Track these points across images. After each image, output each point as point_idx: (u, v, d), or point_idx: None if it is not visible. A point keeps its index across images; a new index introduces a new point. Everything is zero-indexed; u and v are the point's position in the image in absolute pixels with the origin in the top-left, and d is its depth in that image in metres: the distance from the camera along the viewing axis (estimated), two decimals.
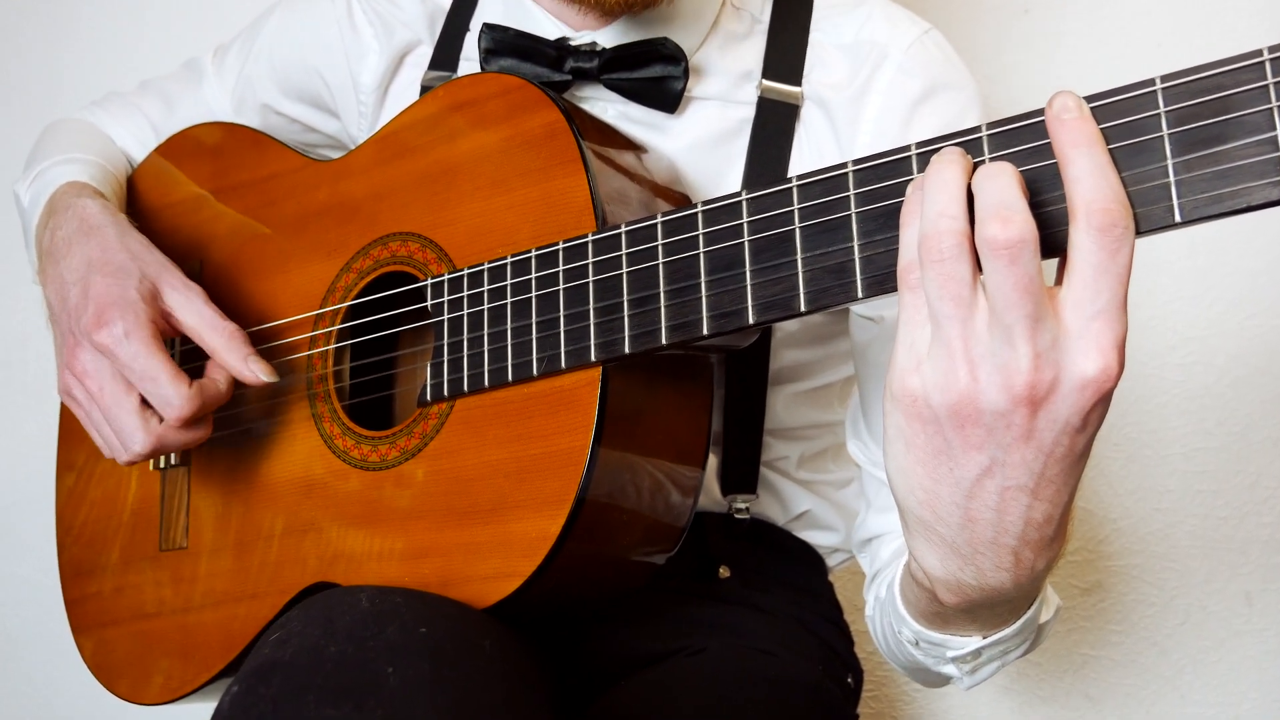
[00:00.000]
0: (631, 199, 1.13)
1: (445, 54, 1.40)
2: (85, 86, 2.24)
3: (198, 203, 1.45)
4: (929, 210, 0.79)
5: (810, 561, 1.48)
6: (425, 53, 1.42)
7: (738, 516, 1.37)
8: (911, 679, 1.28)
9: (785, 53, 1.31)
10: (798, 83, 1.29)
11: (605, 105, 1.30)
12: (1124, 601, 1.85)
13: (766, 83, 1.29)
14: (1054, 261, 0.80)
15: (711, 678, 1.24)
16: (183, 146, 1.50)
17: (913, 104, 1.25)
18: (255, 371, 1.21)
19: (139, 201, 1.51)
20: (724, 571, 1.36)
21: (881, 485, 1.28)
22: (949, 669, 1.11)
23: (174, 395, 1.17)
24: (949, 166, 0.81)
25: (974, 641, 1.06)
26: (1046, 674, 1.87)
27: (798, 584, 1.45)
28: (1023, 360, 0.76)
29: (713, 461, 1.33)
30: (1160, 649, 1.85)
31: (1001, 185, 0.77)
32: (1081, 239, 0.76)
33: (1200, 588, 1.84)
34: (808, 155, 1.29)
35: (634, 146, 1.21)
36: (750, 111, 1.30)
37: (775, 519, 1.44)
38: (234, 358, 1.21)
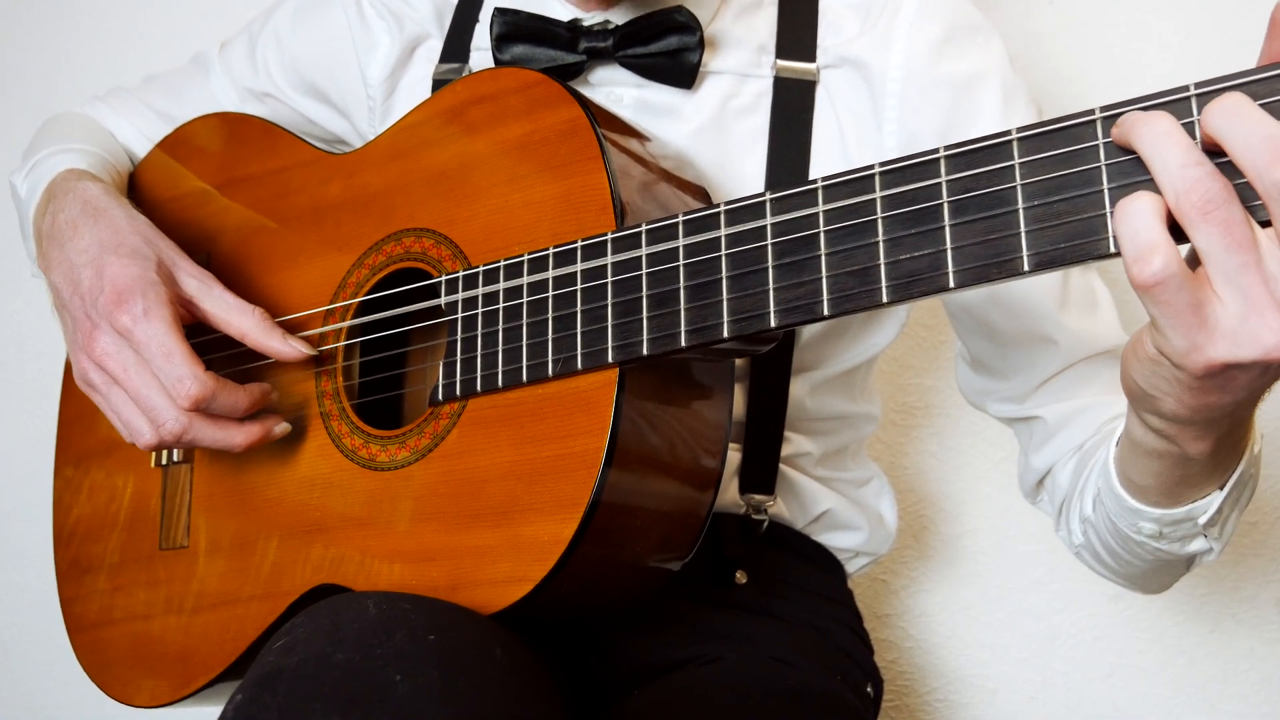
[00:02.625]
0: (652, 197, 1.14)
1: (456, 46, 1.42)
2: (85, 78, 2.25)
3: (206, 194, 1.46)
4: (1168, 167, 0.78)
5: (829, 567, 1.49)
6: (435, 46, 1.44)
7: (755, 518, 1.38)
8: (1143, 590, 1.33)
9: (797, 27, 1.34)
10: (812, 58, 1.32)
11: (622, 92, 1.32)
12: (1152, 609, 1.86)
13: (781, 62, 1.32)
14: None
15: (728, 688, 1.24)
16: (192, 137, 1.51)
17: (937, 46, 1.30)
18: (295, 346, 1.23)
19: (146, 192, 1.52)
20: (741, 577, 1.37)
21: (1036, 422, 1.35)
22: (1197, 545, 1.14)
23: (186, 373, 1.17)
24: (1158, 121, 0.79)
25: (1216, 496, 1.08)
26: (1073, 683, 1.88)
27: (816, 590, 1.46)
28: None
29: (733, 458, 1.34)
30: (1189, 658, 1.86)
31: (1258, 120, 0.76)
32: None
33: (1229, 595, 1.85)
34: (835, 126, 1.32)
35: (655, 143, 1.22)
36: (765, 85, 1.33)
37: (794, 521, 1.44)
38: (270, 337, 1.23)
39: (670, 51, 1.28)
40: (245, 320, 1.24)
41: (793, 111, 1.32)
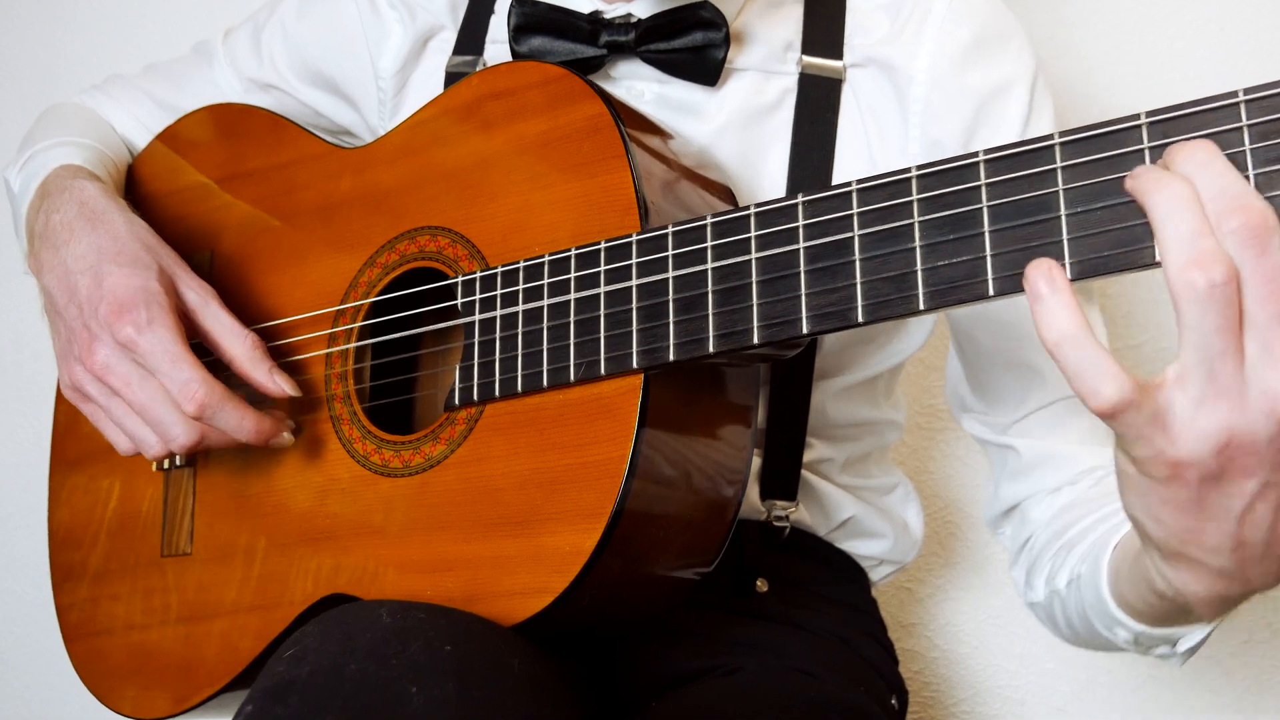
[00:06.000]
0: (677, 198, 1.14)
1: (470, 38, 1.42)
2: (86, 72, 2.25)
3: (209, 189, 1.46)
4: (1178, 237, 0.77)
5: (853, 575, 1.50)
6: (449, 38, 1.45)
7: (777, 525, 1.38)
8: (1094, 650, 1.31)
9: (824, 24, 1.34)
10: (839, 56, 1.33)
11: (643, 87, 1.33)
12: None
13: (807, 59, 1.32)
14: None
15: (748, 699, 1.24)
16: (194, 128, 1.51)
17: (965, 52, 1.30)
18: (280, 384, 1.23)
19: (145, 186, 1.52)
20: (762, 585, 1.38)
21: (1010, 452, 1.36)
22: (1163, 651, 1.12)
23: (193, 377, 1.18)
24: (1172, 184, 0.78)
25: (1203, 629, 1.07)
26: (1103, 695, 1.88)
27: (840, 599, 1.46)
28: None
29: (753, 463, 1.34)
30: (1223, 669, 1.86)
31: (1217, 173, 0.77)
32: None
33: (1264, 605, 1.85)
34: (860, 127, 1.32)
35: (678, 141, 1.22)
36: (791, 82, 1.33)
37: (817, 528, 1.45)
38: (258, 370, 1.23)
39: (695, 48, 1.28)
40: (237, 346, 1.24)
41: (818, 110, 1.32)
